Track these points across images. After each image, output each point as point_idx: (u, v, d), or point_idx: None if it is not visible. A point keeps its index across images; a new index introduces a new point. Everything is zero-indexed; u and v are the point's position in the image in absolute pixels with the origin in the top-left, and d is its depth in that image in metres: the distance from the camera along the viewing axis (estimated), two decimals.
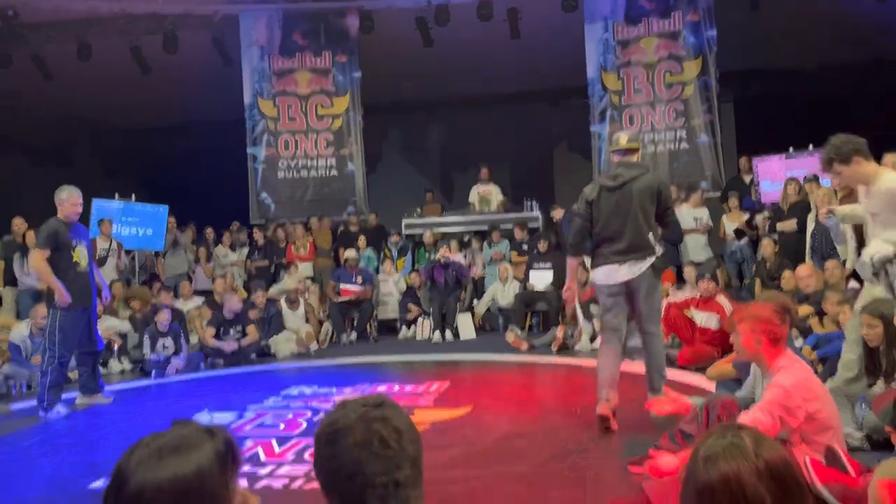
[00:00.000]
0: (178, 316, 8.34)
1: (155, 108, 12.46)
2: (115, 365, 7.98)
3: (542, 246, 9.57)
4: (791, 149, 9.28)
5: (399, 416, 1.29)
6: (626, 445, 4.09)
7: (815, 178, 8.03)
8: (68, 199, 5.85)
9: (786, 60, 10.94)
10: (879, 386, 4.14)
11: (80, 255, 5.90)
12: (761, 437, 1.24)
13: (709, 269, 7.33)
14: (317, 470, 1.29)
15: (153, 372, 7.47)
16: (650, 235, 4.53)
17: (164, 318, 7.76)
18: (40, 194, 10.97)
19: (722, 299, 6.58)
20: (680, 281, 8.19)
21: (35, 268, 6.13)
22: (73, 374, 6.49)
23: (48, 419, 5.67)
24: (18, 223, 8.97)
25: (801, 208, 7.52)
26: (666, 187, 4.70)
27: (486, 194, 11.48)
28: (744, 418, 3.08)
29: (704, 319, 6.60)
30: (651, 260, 4.53)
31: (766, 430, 2.83)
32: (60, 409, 5.74)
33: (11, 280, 8.76)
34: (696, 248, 9.01)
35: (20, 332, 7.32)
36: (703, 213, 9.28)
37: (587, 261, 8.86)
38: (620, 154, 4.72)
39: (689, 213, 9.16)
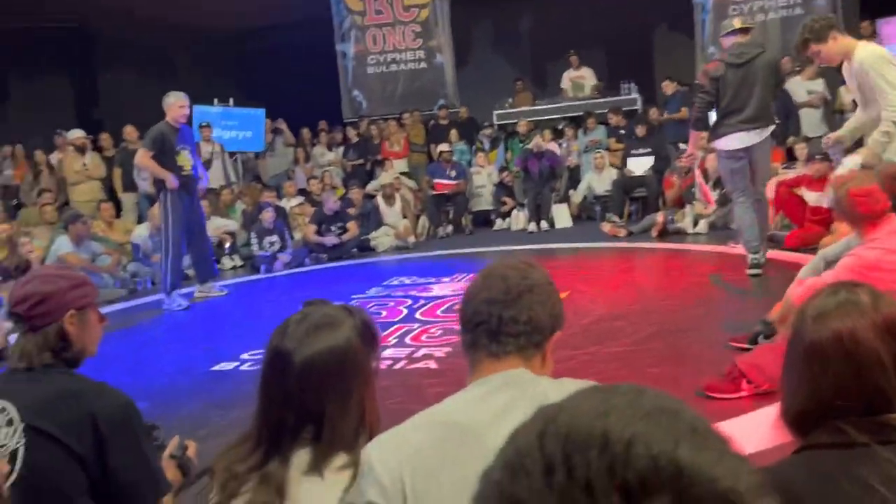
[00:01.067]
0: (281, 214, 8.66)
1: (243, 10, 12.52)
2: (226, 262, 8.45)
3: (641, 131, 9.18)
4: None
5: (537, 277, 1.30)
6: (728, 324, 4.01)
7: None
8: (175, 102, 6.08)
9: None
10: None
11: (185, 158, 6.16)
12: (879, 293, 1.15)
13: (819, 149, 6.83)
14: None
15: (262, 267, 7.88)
16: (771, 105, 5.19)
17: (268, 216, 8.08)
18: (147, 103, 11.48)
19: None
20: (791, 159, 7.71)
21: (140, 163, 6.44)
22: (192, 273, 6.93)
23: (171, 309, 6.13)
24: (130, 131, 9.41)
25: None
26: (781, 63, 5.36)
27: (579, 79, 11.02)
28: (810, 281, 2.96)
29: (816, 198, 6.23)
30: (772, 128, 5.24)
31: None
32: (181, 302, 6.18)
33: (130, 186, 9.27)
34: (810, 122, 8.37)
35: (140, 232, 7.83)
36: (819, 85, 8.56)
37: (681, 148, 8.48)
38: (734, 35, 5.20)
39: (803, 86, 8.48)
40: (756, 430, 2.61)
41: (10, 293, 1.91)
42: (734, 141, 5.06)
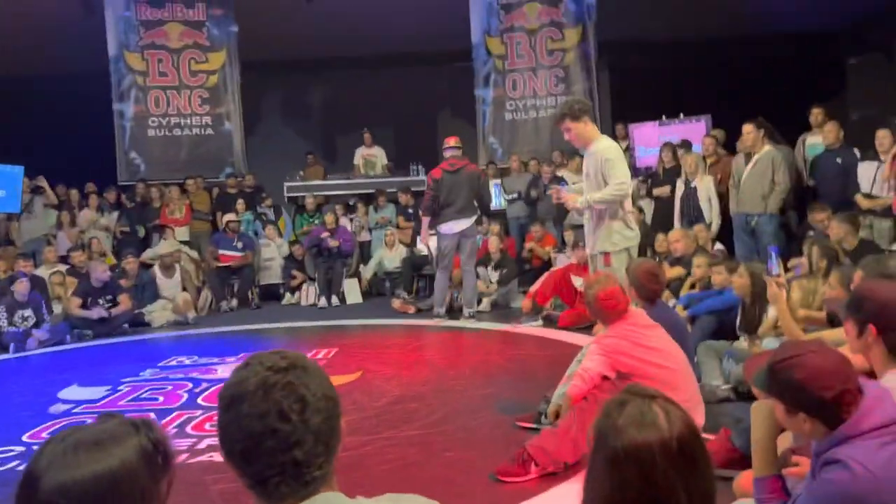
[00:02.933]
0: (38, 284, 7.71)
1: (4, 58, 11.30)
2: None
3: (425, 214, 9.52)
4: (664, 116, 9.71)
5: (308, 382, 1.15)
6: (515, 403, 4.19)
7: (688, 145, 8.46)
8: None
9: (660, 32, 11.38)
10: (741, 342, 4.47)
11: None
12: (671, 406, 1.23)
13: (583, 237, 7.57)
14: (219, 437, 1.17)
15: (11, 346, 6.90)
16: (474, 202, 7.15)
17: (22, 287, 7.15)
18: None
19: None
20: (563, 244, 8.45)
21: None
22: None
23: None
24: None
25: (675, 173, 7.90)
26: (481, 174, 7.56)
27: (371, 157, 11.30)
28: (586, 375, 3.27)
29: (582, 283, 6.85)
30: (475, 217, 7.22)
31: (594, 375, 3.30)
32: None
33: None
34: (578, 214, 9.27)
35: None
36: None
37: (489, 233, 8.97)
38: (452, 150, 7.21)
39: (569, 178, 9.41)
40: None
41: None
42: (448, 227, 7.06)
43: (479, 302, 7.85)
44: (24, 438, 4.10)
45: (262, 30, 10.79)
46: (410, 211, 10.02)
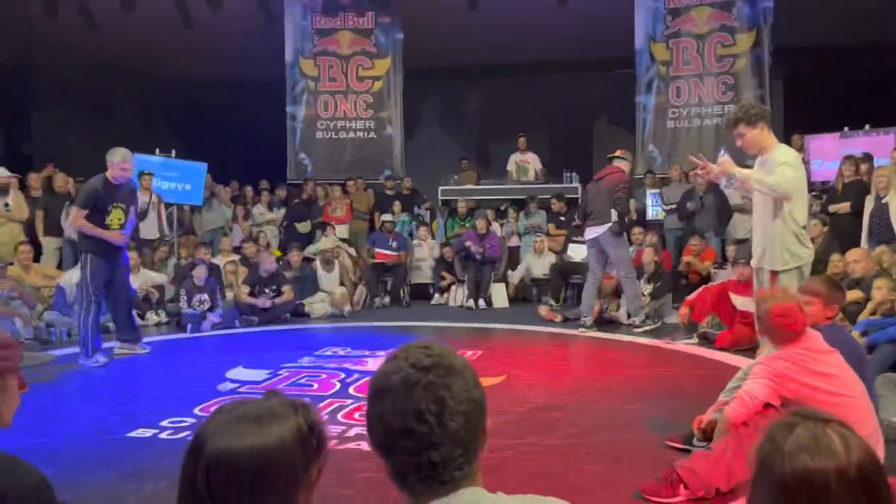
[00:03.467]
0: (214, 271, 8.40)
1: (196, 62, 12.46)
2: (151, 317, 8.09)
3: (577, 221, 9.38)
4: (846, 128, 8.94)
5: (450, 383, 1.13)
6: (665, 421, 4.02)
7: (870, 158, 7.74)
8: (120, 162, 5.84)
9: (839, 38, 10.50)
10: None
11: (114, 218, 5.93)
12: (848, 432, 1.12)
13: (745, 253, 7.12)
14: (366, 426, 1.19)
15: (189, 326, 7.56)
16: (610, 210, 7.03)
17: (201, 273, 7.82)
18: (82, 144, 11.13)
19: None
20: (724, 260, 8.01)
21: (74, 225, 6.17)
22: (113, 325, 6.58)
23: (87, 367, 5.77)
24: (60, 181, 9.06)
25: (856, 188, 7.23)
26: (619, 182, 7.13)
27: (524, 163, 11.30)
28: (746, 398, 3.03)
29: (742, 303, 6.42)
30: (608, 225, 7.04)
31: (757, 402, 3.00)
32: (100, 358, 5.84)
33: (52, 230, 8.85)
34: (742, 226, 8.74)
35: (70, 278, 7.35)
36: (750, 193, 8.97)
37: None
38: (613, 159, 7.36)
39: (736, 192, 8.89)
40: None
41: None
42: (587, 233, 7.28)
43: (630, 315, 7.60)
44: (196, 411, 4.46)
45: (424, 37, 11.13)
46: (562, 218, 9.91)
